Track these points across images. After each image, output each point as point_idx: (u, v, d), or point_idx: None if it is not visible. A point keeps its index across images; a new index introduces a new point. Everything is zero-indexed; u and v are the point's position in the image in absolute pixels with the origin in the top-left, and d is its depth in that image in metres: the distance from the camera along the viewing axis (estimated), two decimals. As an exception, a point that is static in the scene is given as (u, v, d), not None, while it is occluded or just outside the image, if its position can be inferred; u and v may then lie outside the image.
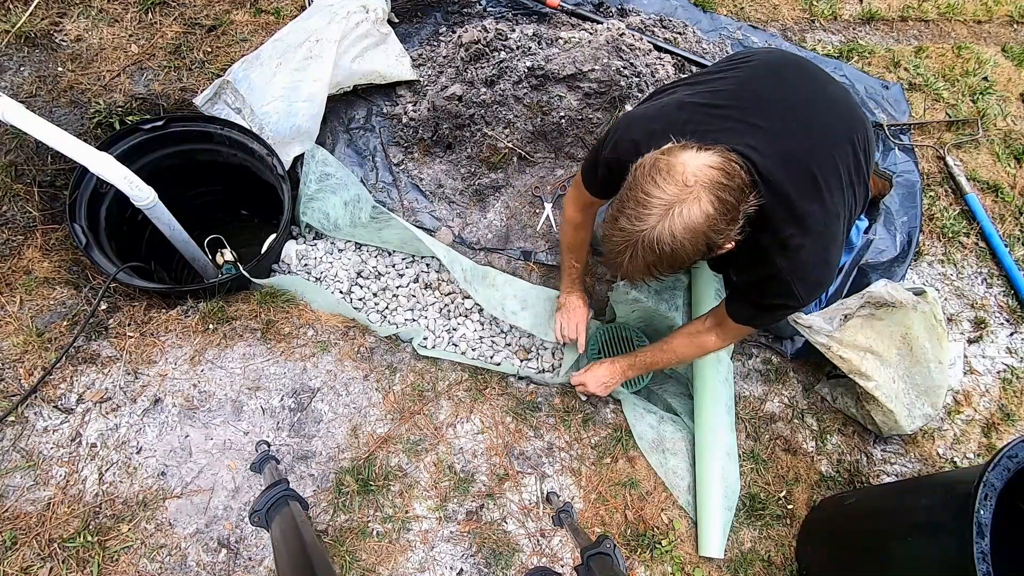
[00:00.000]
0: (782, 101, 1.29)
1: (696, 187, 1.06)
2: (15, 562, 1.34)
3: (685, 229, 1.07)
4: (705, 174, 1.07)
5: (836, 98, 1.36)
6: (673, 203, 1.06)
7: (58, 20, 1.98)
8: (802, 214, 1.20)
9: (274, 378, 1.66)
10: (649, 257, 1.11)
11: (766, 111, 1.25)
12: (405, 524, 1.56)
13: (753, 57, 1.41)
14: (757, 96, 1.29)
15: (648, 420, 1.85)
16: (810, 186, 1.21)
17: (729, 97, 1.29)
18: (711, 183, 1.07)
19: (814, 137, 1.25)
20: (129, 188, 1.62)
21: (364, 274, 1.99)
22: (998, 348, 2.20)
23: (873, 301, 1.80)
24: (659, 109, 1.34)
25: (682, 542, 1.70)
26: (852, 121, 1.33)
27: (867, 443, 1.96)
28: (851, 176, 1.28)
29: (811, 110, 1.30)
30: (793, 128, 1.24)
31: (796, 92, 1.32)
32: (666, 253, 1.09)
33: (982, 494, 1.24)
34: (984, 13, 3.01)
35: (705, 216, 1.07)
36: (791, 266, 1.25)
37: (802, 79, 1.36)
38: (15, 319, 1.61)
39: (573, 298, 1.82)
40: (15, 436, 1.48)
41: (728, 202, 1.09)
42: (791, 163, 1.20)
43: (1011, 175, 2.53)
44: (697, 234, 1.08)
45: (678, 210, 1.06)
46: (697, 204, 1.06)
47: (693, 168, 1.07)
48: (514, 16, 2.39)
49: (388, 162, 2.14)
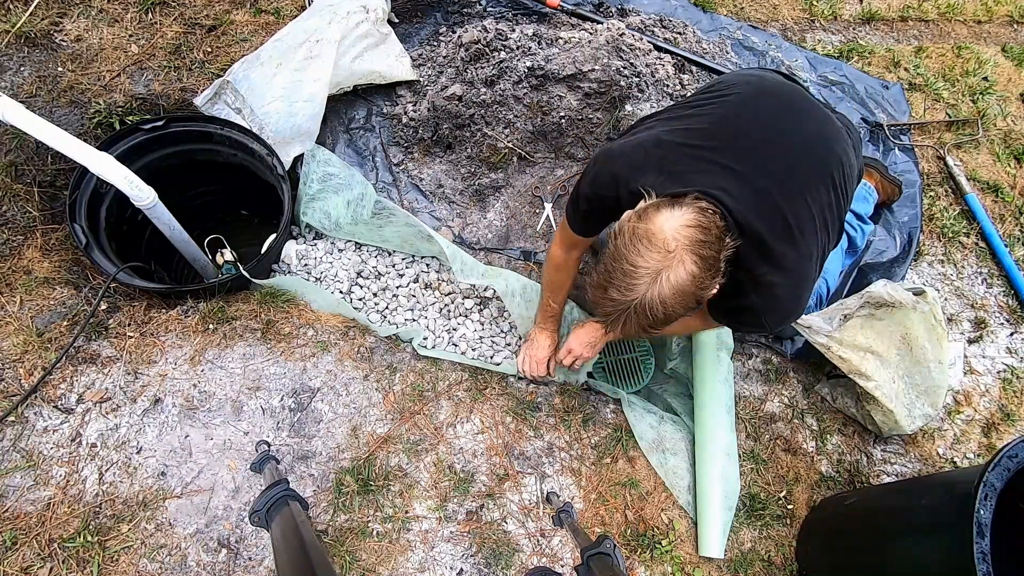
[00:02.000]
0: (758, 140, 1.30)
1: (678, 251, 1.10)
2: (15, 562, 1.34)
3: (674, 293, 1.11)
4: (684, 235, 1.10)
5: (814, 133, 1.36)
6: (659, 270, 1.10)
7: (58, 20, 1.98)
8: (775, 255, 1.23)
9: (274, 378, 1.66)
10: (643, 321, 1.14)
11: (741, 152, 1.26)
12: (405, 524, 1.56)
13: (733, 89, 1.41)
14: (733, 135, 1.30)
15: (648, 420, 1.85)
16: (782, 229, 1.24)
17: (705, 136, 1.30)
18: (691, 243, 1.10)
19: (789, 180, 1.26)
20: (129, 188, 1.62)
21: (364, 274, 1.99)
22: (998, 348, 2.20)
23: (873, 301, 1.80)
24: (636, 145, 1.35)
25: (682, 542, 1.70)
26: (829, 159, 1.34)
27: (867, 443, 1.96)
28: (824, 216, 1.30)
29: (788, 149, 1.31)
30: (767, 170, 1.25)
31: (773, 129, 1.33)
32: (659, 317, 1.13)
33: (982, 494, 1.24)
34: (984, 13, 3.01)
35: (691, 277, 1.10)
36: (763, 302, 1.29)
37: (781, 113, 1.37)
38: (15, 319, 1.62)
39: (543, 336, 1.80)
40: (15, 436, 1.48)
41: (709, 257, 1.12)
42: (764, 206, 1.22)
43: (1011, 175, 2.53)
44: (686, 294, 1.12)
45: (665, 276, 1.10)
46: (682, 267, 1.10)
47: (671, 232, 1.10)
48: (514, 16, 2.39)
49: (388, 162, 2.15)
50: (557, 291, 1.73)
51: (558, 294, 1.74)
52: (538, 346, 1.79)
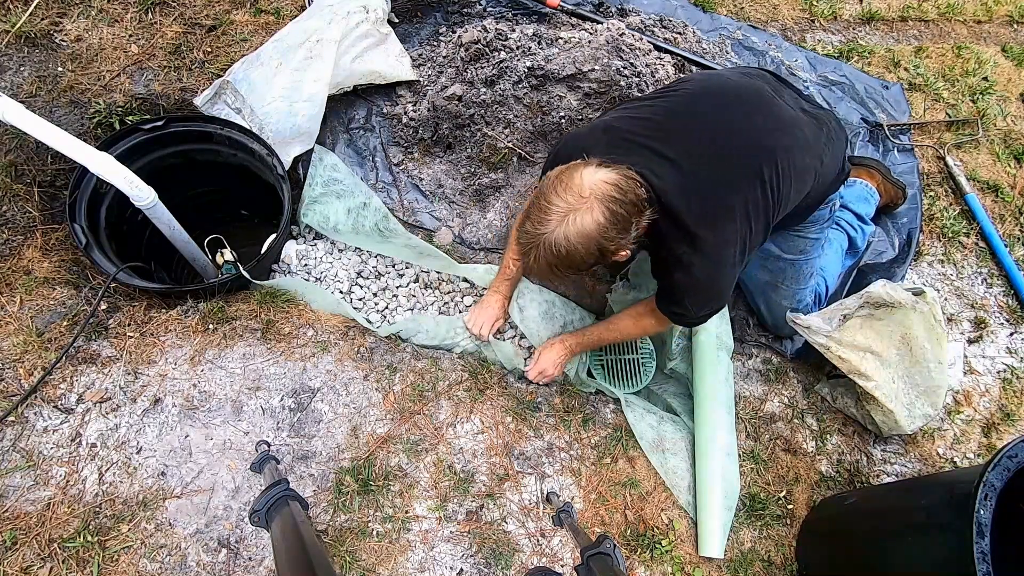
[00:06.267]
0: (697, 135, 1.40)
1: (591, 198, 1.21)
2: (15, 562, 1.34)
3: (578, 235, 1.22)
4: (600, 188, 1.21)
5: (757, 129, 1.43)
6: (569, 211, 1.21)
7: (58, 20, 1.98)
8: (694, 236, 1.34)
9: (274, 378, 1.66)
10: (549, 258, 1.26)
11: (678, 145, 1.37)
12: (405, 524, 1.56)
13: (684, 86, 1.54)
14: (673, 131, 1.41)
15: (648, 420, 1.85)
16: (701, 213, 1.34)
17: (646, 127, 1.42)
18: (604, 196, 1.21)
19: (714, 170, 1.36)
20: (129, 188, 1.62)
21: (364, 274, 1.99)
22: (998, 348, 2.20)
23: (872, 301, 1.80)
24: (591, 129, 1.49)
25: (682, 542, 1.70)
26: (770, 155, 1.40)
27: (867, 443, 1.96)
28: (747, 208, 1.38)
29: (720, 142, 1.40)
30: (696, 159, 1.36)
31: (709, 123, 1.42)
32: (562, 255, 1.24)
33: (982, 494, 1.24)
34: (984, 13, 3.01)
35: (596, 224, 1.21)
36: (683, 279, 1.41)
37: (723, 108, 1.46)
38: (15, 319, 1.62)
39: (494, 299, 1.85)
40: (15, 436, 1.48)
41: (619, 214, 1.22)
42: (686, 190, 1.33)
43: (1011, 175, 2.53)
44: (589, 240, 1.22)
45: (573, 218, 1.21)
46: (590, 214, 1.21)
47: (589, 182, 1.22)
48: (514, 16, 2.39)
49: (388, 162, 2.14)
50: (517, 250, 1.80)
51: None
52: (488, 305, 1.84)
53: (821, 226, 1.78)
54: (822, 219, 1.76)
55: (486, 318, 1.83)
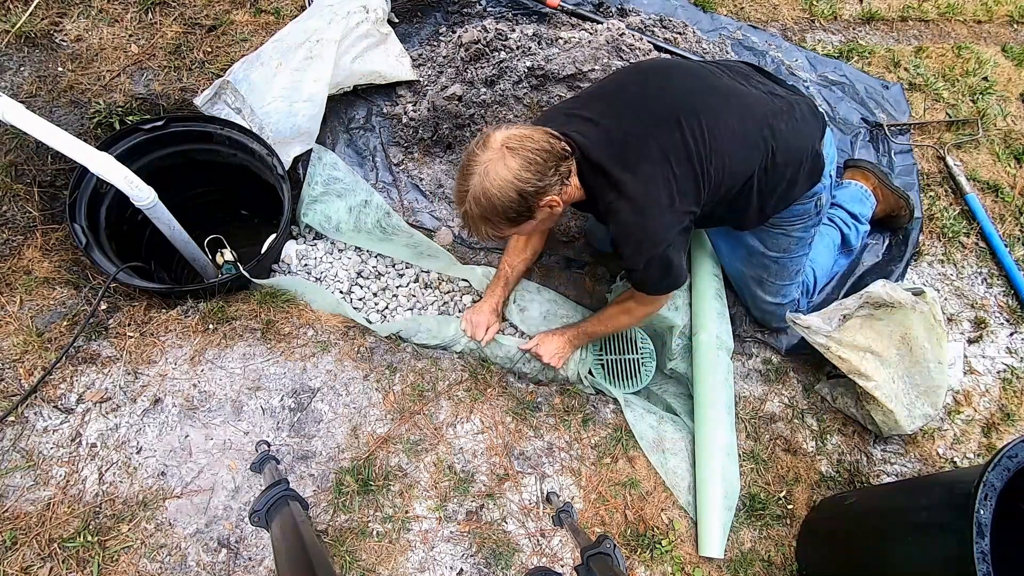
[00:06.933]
0: (620, 99, 1.52)
1: (502, 150, 1.34)
2: (15, 562, 1.34)
3: (495, 182, 1.34)
4: (515, 141, 1.34)
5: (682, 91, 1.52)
6: (486, 163, 1.34)
7: (58, 20, 1.98)
8: (617, 181, 1.44)
9: (274, 378, 1.66)
10: (478, 210, 1.37)
11: (597, 108, 1.51)
12: (405, 524, 1.56)
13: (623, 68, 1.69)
14: (595, 97, 1.56)
15: (648, 420, 1.85)
16: (621, 160, 1.44)
17: (578, 101, 1.59)
18: (519, 147, 1.34)
19: (636, 123, 1.47)
20: (129, 188, 1.62)
21: (364, 274, 1.99)
22: (998, 348, 2.20)
23: (872, 301, 1.80)
24: (544, 112, 1.70)
25: (682, 542, 1.70)
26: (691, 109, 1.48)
27: (867, 443, 1.96)
28: (666, 153, 1.45)
29: (643, 104, 1.50)
30: (617, 116, 1.48)
31: (639, 89, 1.54)
32: (485, 205, 1.36)
33: (982, 494, 1.24)
34: (984, 13, 3.01)
35: (508, 170, 1.33)
36: (617, 229, 1.49)
37: (647, 77, 1.57)
38: (15, 319, 1.62)
39: (487, 305, 1.85)
40: (15, 436, 1.48)
41: (532, 159, 1.34)
42: (609, 144, 1.45)
43: (1011, 175, 2.53)
44: (506, 184, 1.34)
45: (487, 168, 1.34)
46: (502, 162, 1.34)
47: (503, 137, 1.35)
48: (514, 16, 2.39)
49: (388, 162, 2.14)
50: (514, 255, 1.85)
51: (514, 258, 1.85)
52: (480, 311, 1.85)
53: (806, 224, 1.77)
54: (807, 215, 1.75)
55: (478, 320, 1.83)
